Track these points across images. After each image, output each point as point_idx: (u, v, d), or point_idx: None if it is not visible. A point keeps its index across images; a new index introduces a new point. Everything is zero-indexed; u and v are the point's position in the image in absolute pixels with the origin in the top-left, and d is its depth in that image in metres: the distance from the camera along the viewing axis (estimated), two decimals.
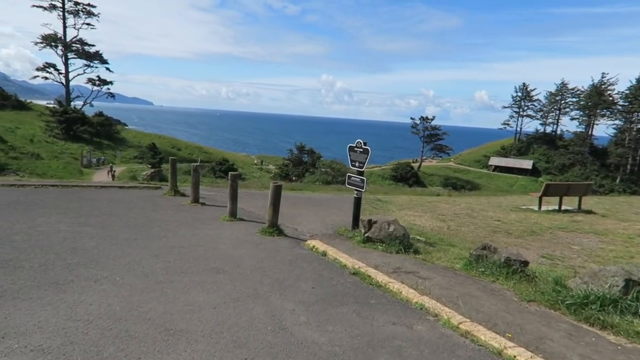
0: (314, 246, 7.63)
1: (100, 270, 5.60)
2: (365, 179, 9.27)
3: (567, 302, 5.38)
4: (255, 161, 70.14)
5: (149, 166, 49.64)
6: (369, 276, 6.10)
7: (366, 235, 8.66)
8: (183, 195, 12.04)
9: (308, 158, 61.17)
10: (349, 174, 9.81)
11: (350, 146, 9.62)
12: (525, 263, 7.21)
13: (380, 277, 6.01)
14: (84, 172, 47.51)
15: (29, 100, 64.75)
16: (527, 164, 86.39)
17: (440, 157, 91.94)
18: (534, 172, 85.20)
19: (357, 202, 9.50)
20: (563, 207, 15.52)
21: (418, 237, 9.68)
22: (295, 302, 5.02)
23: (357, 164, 9.40)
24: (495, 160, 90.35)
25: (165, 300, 4.78)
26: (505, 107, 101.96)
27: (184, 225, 8.57)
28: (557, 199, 15.96)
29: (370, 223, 8.68)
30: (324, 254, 7.27)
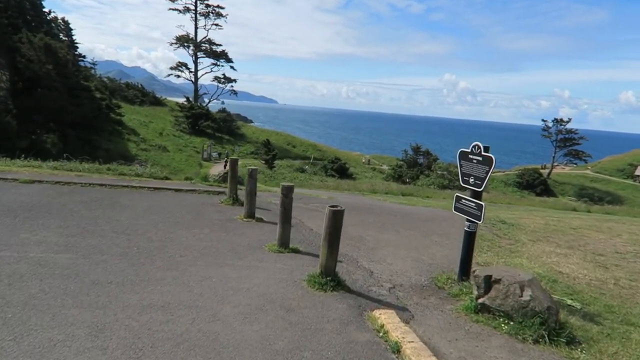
0: (382, 326, 4.26)
1: None
2: (483, 204, 5.66)
3: None
4: (363, 160, 66.73)
5: (263, 162, 49.42)
6: None
7: (481, 301, 5.09)
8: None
9: (424, 160, 56.60)
10: (457, 194, 6.25)
11: (462, 152, 6.06)
12: None
13: None
14: (203, 165, 48.76)
15: (163, 97, 69.26)
16: None
17: (575, 164, 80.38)
18: None
19: (469, 239, 5.93)
20: None
21: (569, 302, 5.82)
22: None
23: (471, 180, 5.83)
24: None
25: None
26: None
27: (204, 258, 5.80)
28: None
29: (490, 282, 5.08)
30: (397, 348, 3.90)
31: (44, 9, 54.56)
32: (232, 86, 66.27)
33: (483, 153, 5.66)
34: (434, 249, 7.95)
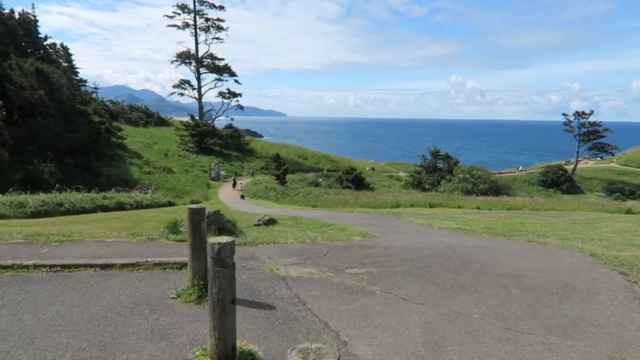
0: None
1: None
2: None
3: None
4: (367, 167, 61.07)
5: (274, 177, 44.72)
6: None
7: None
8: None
9: (444, 164, 51.57)
10: None
11: None
12: None
13: None
14: (211, 185, 44.48)
15: (169, 117, 65.39)
16: None
17: (600, 157, 74.53)
18: None
19: None
20: None
21: None
22: None
23: None
24: None
25: None
26: None
27: None
28: None
29: None
30: None
31: (39, 35, 50.98)
32: (237, 101, 62.20)
33: None
34: None
